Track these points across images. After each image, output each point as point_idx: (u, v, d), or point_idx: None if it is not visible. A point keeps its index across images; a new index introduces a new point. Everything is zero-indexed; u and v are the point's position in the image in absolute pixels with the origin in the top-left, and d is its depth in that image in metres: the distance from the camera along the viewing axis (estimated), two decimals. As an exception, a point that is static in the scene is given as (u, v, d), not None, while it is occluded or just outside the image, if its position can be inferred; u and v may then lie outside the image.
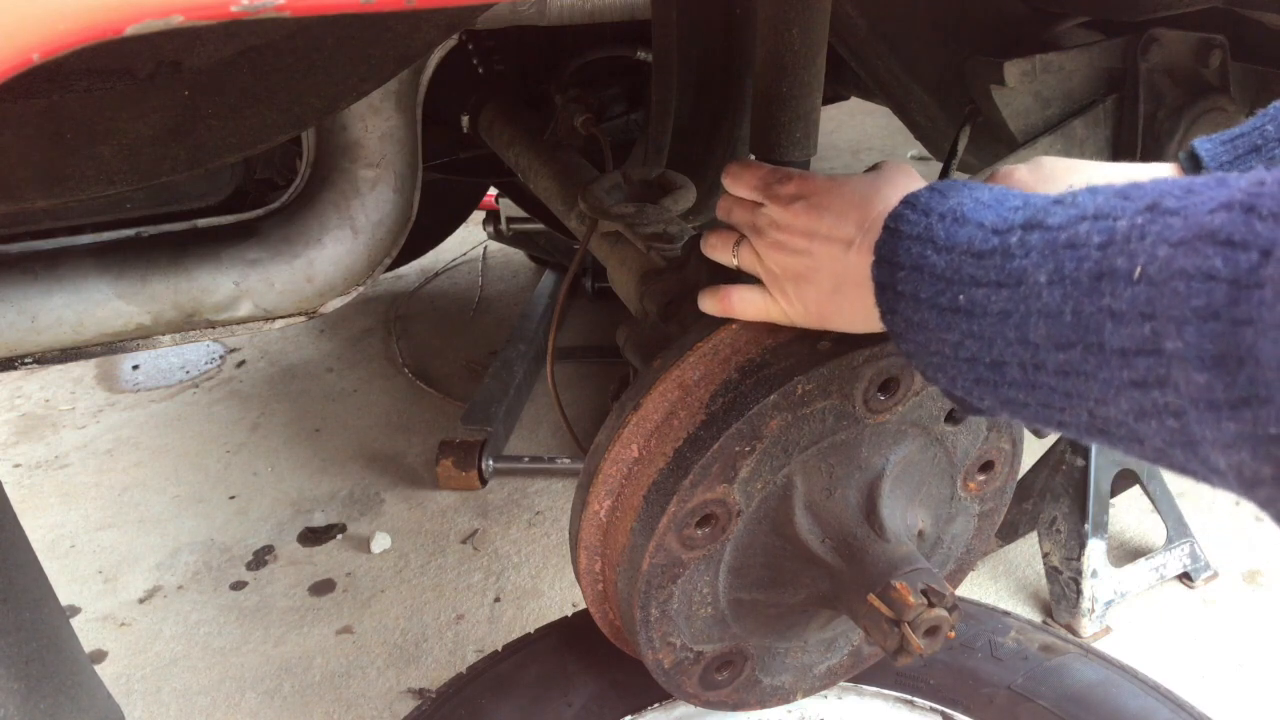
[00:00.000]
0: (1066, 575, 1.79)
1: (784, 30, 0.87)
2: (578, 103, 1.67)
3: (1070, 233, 0.52)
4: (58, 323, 1.12)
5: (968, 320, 0.59)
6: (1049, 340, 0.52)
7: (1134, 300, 0.46)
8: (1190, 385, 0.44)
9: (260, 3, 0.40)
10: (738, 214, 0.83)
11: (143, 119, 0.78)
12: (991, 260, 0.57)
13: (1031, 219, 0.56)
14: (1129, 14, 1.17)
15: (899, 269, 0.65)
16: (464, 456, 2.24)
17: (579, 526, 0.91)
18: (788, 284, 0.78)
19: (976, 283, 0.58)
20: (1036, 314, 0.53)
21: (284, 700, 1.73)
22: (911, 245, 0.64)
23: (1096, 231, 0.50)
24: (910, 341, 0.66)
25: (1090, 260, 0.50)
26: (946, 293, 0.60)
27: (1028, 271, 0.54)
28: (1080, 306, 0.50)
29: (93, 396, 2.78)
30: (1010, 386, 0.58)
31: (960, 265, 0.60)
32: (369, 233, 1.22)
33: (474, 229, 3.17)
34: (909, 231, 0.65)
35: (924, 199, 0.66)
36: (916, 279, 0.63)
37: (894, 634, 0.80)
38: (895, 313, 0.66)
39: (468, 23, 1.17)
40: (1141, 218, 0.48)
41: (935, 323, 0.61)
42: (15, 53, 0.37)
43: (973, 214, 0.61)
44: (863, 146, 4.33)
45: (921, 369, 0.67)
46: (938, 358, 0.63)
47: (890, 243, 0.66)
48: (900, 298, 0.65)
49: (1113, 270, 0.48)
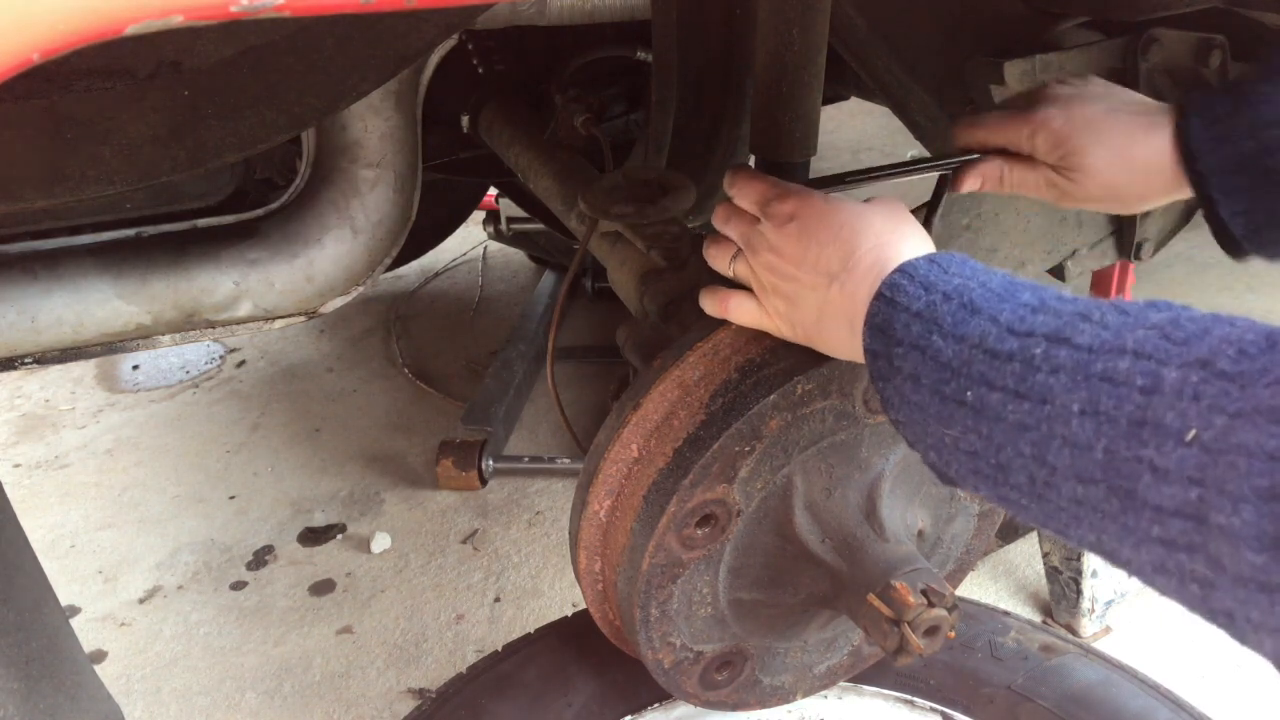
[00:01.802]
0: (1066, 575, 1.79)
1: (784, 30, 0.87)
2: (578, 103, 1.67)
3: (1107, 364, 0.50)
4: (58, 323, 1.12)
5: (975, 418, 0.57)
6: (1071, 470, 0.51)
7: (1182, 462, 0.45)
8: (1240, 564, 0.42)
9: (260, 3, 0.40)
10: (734, 226, 0.82)
11: (143, 119, 0.78)
12: (1009, 366, 0.55)
13: (1057, 332, 0.54)
14: (1129, 14, 1.17)
15: (896, 343, 0.63)
16: (464, 456, 2.24)
17: (579, 526, 0.91)
18: (778, 302, 0.78)
19: (989, 384, 0.56)
20: (1060, 439, 0.51)
21: (284, 700, 1.73)
22: (911, 323, 0.62)
23: (1139, 374, 0.48)
24: (903, 413, 0.64)
25: (1132, 404, 0.48)
26: (952, 383, 0.58)
27: (1055, 392, 0.52)
28: (1115, 447, 0.48)
29: (93, 396, 2.78)
30: (1012, 489, 0.56)
31: (971, 360, 0.57)
32: (369, 233, 1.22)
33: (474, 229, 3.17)
34: (907, 305, 0.63)
35: (922, 271, 0.64)
36: (917, 360, 0.61)
37: (894, 634, 0.80)
38: (889, 383, 0.64)
39: (468, 23, 1.17)
40: (1195, 375, 0.46)
41: (936, 409, 0.60)
42: (15, 53, 0.37)
43: (984, 303, 0.59)
44: (863, 146, 4.33)
45: (911, 440, 0.65)
46: (933, 438, 0.61)
47: (886, 313, 0.65)
48: (896, 373, 0.63)
49: (1159, 423, 0.46)
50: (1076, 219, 1.39)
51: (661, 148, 1.56)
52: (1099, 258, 1.38)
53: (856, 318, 0.69)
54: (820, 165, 0.92)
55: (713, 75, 1.49)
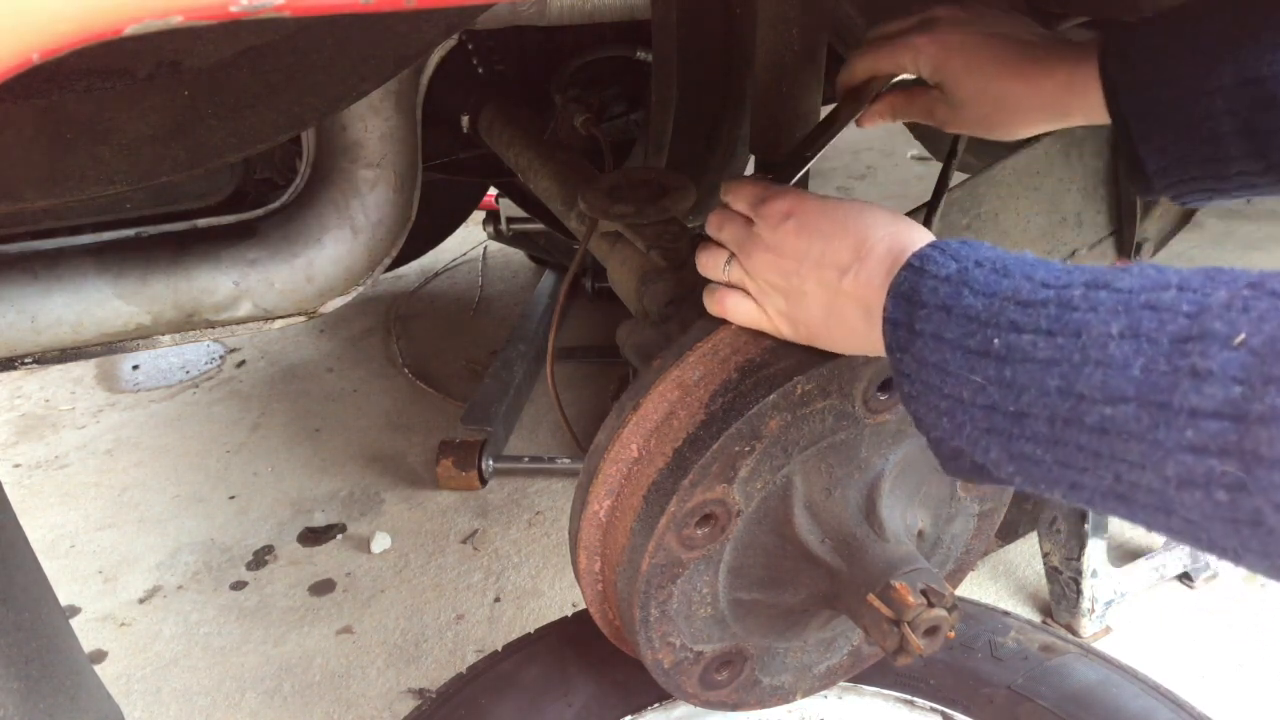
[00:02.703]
0: (1066, 575, 1.79)
1: (784, 30, 0.87)
2: (578, 103, 1.67)
3: (1150, 296, 0.51)
4: (57, 323, 1.12)
5: (998, 366, 0.57)
6: (1100, 391, 0.51)
7: (1227, 364, 0.45)
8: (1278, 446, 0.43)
9: (260, 3, 0.40)
10: (728, 231, 0.82)
11: (143, 119, 0.78)
12: (1044, 309, 0.56)
13: (1095, 279, 0.55)
14: (1129, 14, 1.17)
15: (920, 307, 0.63)
16: (464, 456, 2.24)
17: (579, 526, 0.91)
18: (778, 302, 0.78)
19: (1019, 328, 0.57)
20: (1094, 364, 0.51)
21: (284, 700, 1.73)
22: (939, 285, 0.63)
23: (1186, 301, 0.49)
24: (918, 382, 0.64)
25: (1176, 324, 0.49)
26: (978, 335, 0.59)
27: (1091, 324, 0.53)
28: (1153, 364, 0.49)
29: (93, 396, 2.78)
30: (1028, 440, 0.56)
31: (1001, 310, 0.58)
32: (369, 233, 1.22)
33: (474, 229, 3.17)
34: (936, 272, 0.64)
35: (954, 246, 0.65)
36: (941, 319, 0.62)
37: (894, 634, 0.80)
38: (906, 351, 0.64)
39: (468, 23, 1.17)
40: (1246, 291, 0.47)
41: (957, 365, 0.60)
42: (15, 52, 0.37)
43: (1017, 267, 0.60)
44: (863, 146, 4.33)
45: (921, 413, 0.65)
46: (947, 402, 0.62)
47: (912, 280, 0.65)
48: (917, 336, 0.63)
49: (1205, 333, 0.47)
50: (1076, 219, 1.39)
51: (661, 148, 1.56)
52: (1099, 258, 1.38)
53: (874, 301, 0.68)
54: (821, 165, 0.92)
55: (713, 75, 1.49)
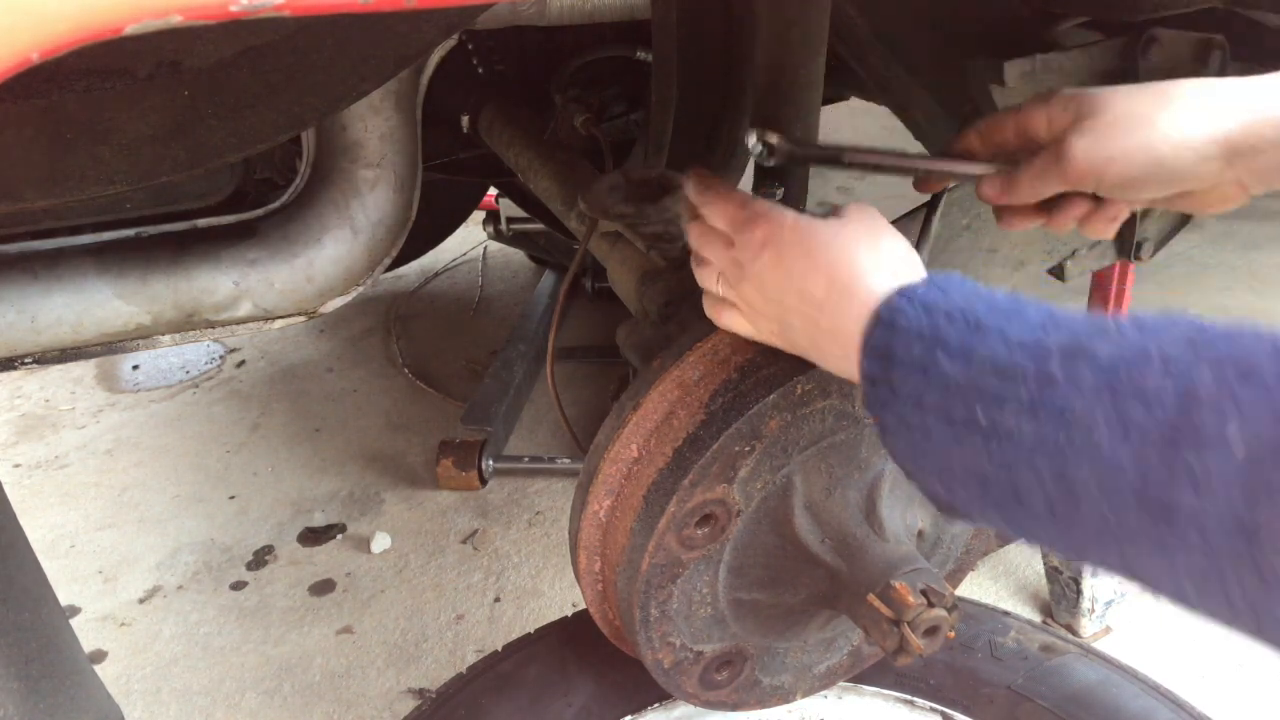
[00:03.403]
0: (1066, 575, 1.79)
1: (784, 30, 0.87)
2: (578, 103, 1.67)
3: (1132, 374, 0.48)
4: (57, 323, 1.12)
5: (984, 440, 0.54)
6: (1097, 487, 0.48)
7: (1224, 470, 0.43)
8: None
9: (260, 3, 0.40)
10: (710, 250, 0.79)
11: (143, 119, 0.78)
12: (1024, 384, 0.52)
13: (1072, 344, 0.52)
14: (1129, 14, 1.17)
15: (895, 366, 0.60)
16: (464, 456, 2.24)
17: (579, 526, 0.91)
18: (770, 325, 0.76)
19: (1000, 400, 0.53)
20: (1084, 455, 0.49)
21: (284, 700, 1.73)
22: (913, 344, 0.59)
23: (1171, 385, 0.47)
24: (903, 444, 0.61)
25: (1164, 413, 0.46)
26: (960, 405, 0.55)
27: (1076, 410, 0.49)
28: (1146, 461, 0.46)
29: (93, 396, 2.78)
30: (1028, 515, 0.53)
31: (981, 379, 0.55)
32: (369, 233, 1.22)
33: (474, 229, 3.17)
34: (908, 326, 0.60)
35: (921, 293, 0.62)
36: (920, 382, 0.58)
37: (894, 634, 0.80)
38: (888, 410, 0.61)
39: (468, 23, 1.17)
40: (1232, 379, 0.45)
41: (942, 434, 0.57)
42: (15, 52, 0.37)
43: (990, 320, 0.57)
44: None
45: (911, 471, 0.63)
46: (936, 467, 0.59)
47: (885, 336, 0.62)
48: (897, 397, 0.60)
49: (1196, 430, 0.45)
50: (1076, 219, 1.38)
51: (661, 148, 1.56)
52: (1099, 258, 1.38)
53: (850, 346, 0.66)
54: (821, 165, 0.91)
55: (713, 75, 1.49)
